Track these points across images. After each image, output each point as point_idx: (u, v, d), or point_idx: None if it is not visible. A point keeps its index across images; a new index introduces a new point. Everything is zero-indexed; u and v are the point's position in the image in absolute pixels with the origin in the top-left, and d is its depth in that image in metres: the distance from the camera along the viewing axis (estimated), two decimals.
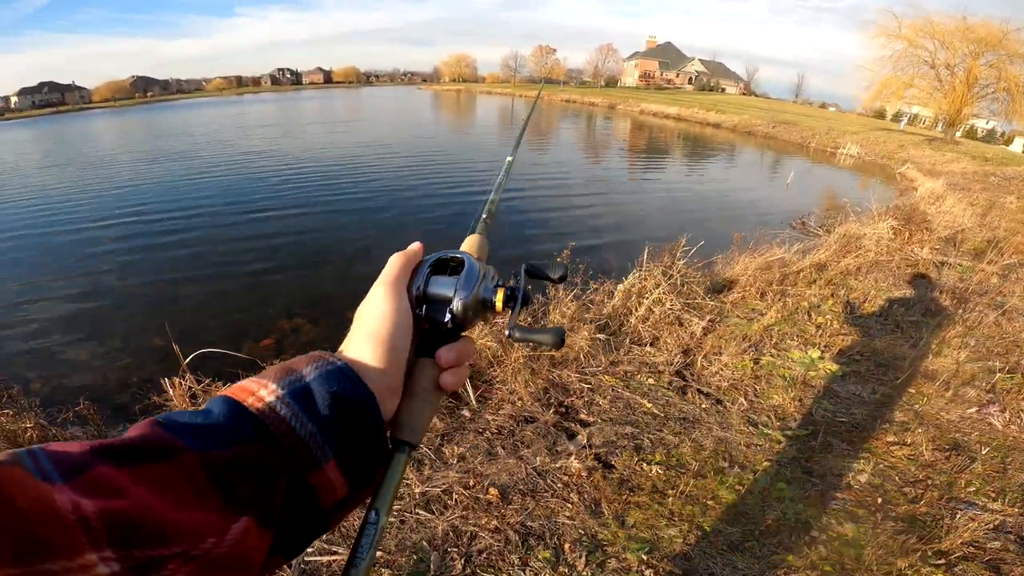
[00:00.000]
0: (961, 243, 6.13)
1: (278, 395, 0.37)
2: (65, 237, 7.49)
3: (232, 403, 0.36)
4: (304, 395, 0.38)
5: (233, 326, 4.57)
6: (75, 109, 75.91)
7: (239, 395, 0.37)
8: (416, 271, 0.50)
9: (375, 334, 0.43)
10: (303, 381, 0.38)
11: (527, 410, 2.65)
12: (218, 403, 0.37)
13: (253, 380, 0.39)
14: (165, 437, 0.32)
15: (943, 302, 4.23)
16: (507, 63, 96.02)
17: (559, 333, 0.49)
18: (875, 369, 3.21)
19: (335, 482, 0.38)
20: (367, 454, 0.41)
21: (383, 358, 0.42)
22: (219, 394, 0.38)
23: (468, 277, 0.50)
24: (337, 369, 0.40)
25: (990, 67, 21.95)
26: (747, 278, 4.24)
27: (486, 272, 0.52)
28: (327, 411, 0.38)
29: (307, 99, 62.42)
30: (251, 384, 0.38)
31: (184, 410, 0.36)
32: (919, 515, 2.11)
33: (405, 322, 0.45)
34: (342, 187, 10.17)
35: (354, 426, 0.39)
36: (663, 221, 8.19)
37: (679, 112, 33.49)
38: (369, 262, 5.99)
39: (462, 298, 0.48)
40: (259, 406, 0.36)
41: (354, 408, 0.39)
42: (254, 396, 0.37)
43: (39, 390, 3.61)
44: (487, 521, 1.97)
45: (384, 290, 0.46)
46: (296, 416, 0.37)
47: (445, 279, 0.50)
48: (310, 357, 0.41)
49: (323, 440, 0.37)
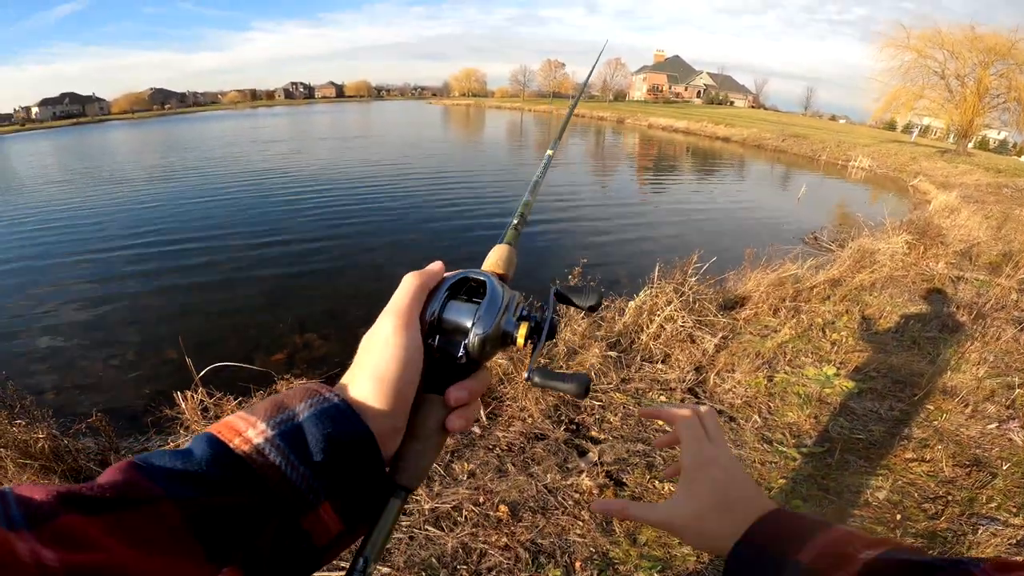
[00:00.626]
0: (977, 257, 6.05)
1: (267, 436, 0.35)
2: (81, 249, 7.61)
3: (217, 444, 0.34)
4: (295, 436, 0.35)
5: (246, 340, 4.60)
6: (94, 121, 77.84)
7: (225, 435, 0.35)
8: (433, 293, 0.46)
9: (380, 373, 0.40)
10: (295, 420, 0.36)
11: (537, 427, 2.63)
12: (202, 444, 0.34)
13: (241, 417, 0.36)
14: (141, 483, 0.30)
15: (960, 317, 4.16)
16: (516, 78, 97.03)
17: (584, 382, 0.44)
18: (892, 386, 3.15)
19: (329, 523, 0.36)
20: (365, 494, 0.39)
21: (387, 399, 0.39)
22: (205, 431, 0.35)
23: (489, 306, 0.45)
24: (333, 407, 0.37)
25: (1000, 77, 21.79)
26: (760, 294, 4.20)
27: (510, 300, 0.47)
28: (321, 454, 0.35)
29: (320, 113, 63.48)
30: (238, 422, 0.36)
31: (165, 450, 0.33)
32: (940, 531, 2.07)
33: (414, 360, 0.41)
34: (357, 201, 10.26)
35: (351, 468, 0.37)
36: (674, 237, 8.16)
37: (688, 126, 33.56)
38: (382, 279, 6.03)
39: (480, 331, 0.44)
40: (246, 448, 0.34)
41: (352, 450, 0.37)
42: (241, 437, 0.34)
43: (52, 400, 3.65)
44: (497, 538, 1.95)
45: (393, 321, 0.42)
46: (287, 459, 0.34)
47: (464, 305, 0.45)
48: (305, 391, 0.38)
49: (317, 484, 0.35)
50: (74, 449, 2.31)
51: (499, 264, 0.54)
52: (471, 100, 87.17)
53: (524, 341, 0.45)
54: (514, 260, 0.55)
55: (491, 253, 0.55)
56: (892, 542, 0.37)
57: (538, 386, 0.46)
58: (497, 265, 0.53)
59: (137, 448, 2.56)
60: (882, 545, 0.36)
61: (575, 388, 0.44)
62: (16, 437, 2.19)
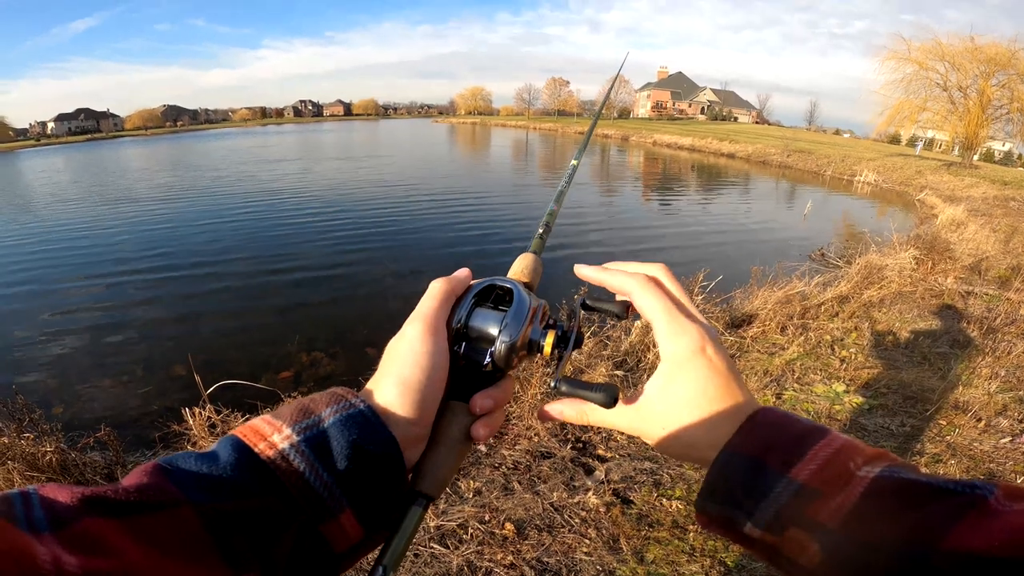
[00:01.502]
0: (986, 271, 6.01)
1: (292, 442, 0.34)
2: (93, 266, 7.72)
3: (242, 449, 0.34)
4: (321, 442, 0.35)
5: (254, 357, 4.62)
6: (108, 137, 79.36)
7: (251, 438, 0.35)
8: (460, 300, 0.45)
9: (406, 380, 0.39)
10: (321, 426, 0.36)
11: (544, 445, 2.62)
12: (227, 447, 0.34)
13: (267, 420, 0.36)
14: (164, 486, 0.30)
15: (971, 332, 4.12)
16: (521, 96, 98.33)
17: (612, 393, 0.41)
18: (903, 402, 3.12)
19: (349, 530, 0.36)
20: (386, 502, 0.38)
21: (412, 406, 0.39)
22: (230, 433, 0.36)
23: (517, 314, 0.44)
24: (359, 413, 0.37)
25: (1002, 87, 21.79)
26: (767, 312, 4.19)
27: (537, 308, 0.46)
28: (345, 461, 0.35)
29: (328, 131, 64.33)
30: (264, 426, 0.36)
31: (191, 452, 0.33)
32: None
33: (440, 366, 0.41)
34: (366, 222, 10.33)
35: (374, 476, 0.37)
36: (680, 255, 8.16)
37: (693, 143, 33.73)
38: (390, 298, 6.09)
39: (507, 339, 0.43)
40: (270, 453, 0.34)
41: (376, 457, 0.36)
42: (266, 441, 0.34)
43: (61, 415, 3.68)
44: (503, 556, 1.93)
45: (420, 327, 0.41)
46: (311, 466, 0.34)
47: (491, 313, 0.45)
48: (331, 396, 0.38)
49: (340, 492, 0.35)
50: (81, 463, 2.32)
51: (525, 273, 0.53)
52: (477, 118, 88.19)
53: (551, 350, 0.45)
54: (540, 269, 0.55)
55: (516, 262, 0.54)
56: (890, 456, 0.33)
57: (564, 395, 0.44)
58: (523, 274, 0.53)
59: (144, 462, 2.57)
60: (882, 459, 0.33)
61: (603, 398, 0.42)
62: (24, 450, 2.20)
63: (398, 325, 0.43)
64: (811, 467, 0.34)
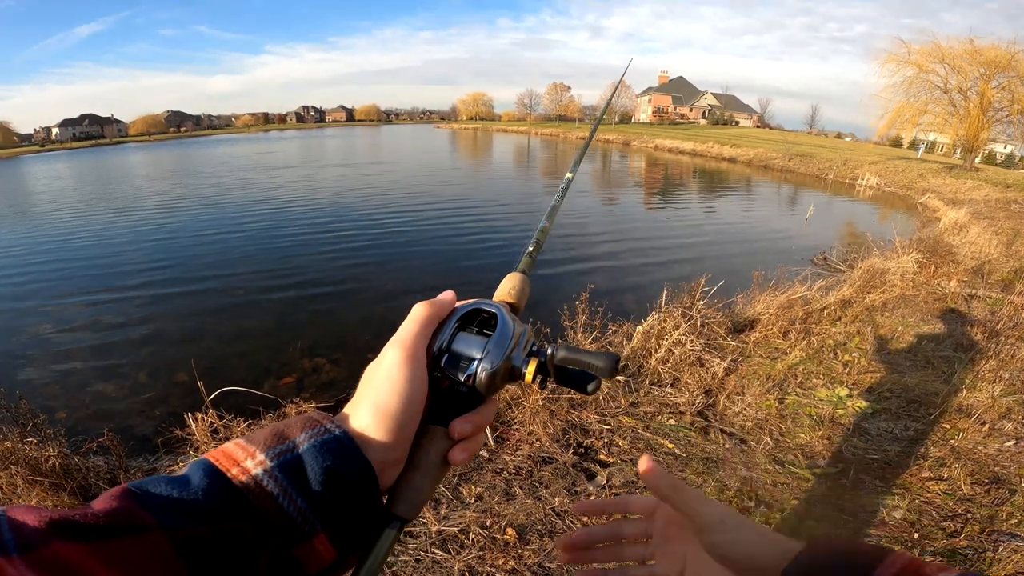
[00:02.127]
0: (989, 274, 5.99)
1: (266, 468, 0.34)
2: (97, 271, 7.76)
3: (214, 473, 0.34)
4: (295, 468, 0.35)
5: (257, 363, 4.63)
6: (113, 142, 79.50)
7: (223, 463, 0.34)
8: (443, 324, 0.45)
9: (381, 406, 0.39)
10: (295, 451, 0.36)
11: (545, 451, 2.61)
12: (198, 471, 0.34)
13: (240, 445, 0.36)
14: (133, 511, 0.30)
15: (974, 336, 4.11)
16: (523, 101, 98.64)
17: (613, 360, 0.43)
18: (907, 406, 3.11)
19: (323, 552, 0.36)
20: (361, 524, 0.38)
21: (389, 432, 0.39)
22: (203, 457, 0.35)
23: (500, 340, 0.44)
24: (334, 439, 0.37)
25: (1002, 89, 21.76)
26: (769, 317, 4.18)
27: (520, 335, 0.46)
28: (319, 486, 0.35)
29: (330, 137, 64.57)
30: (237, 451, 0.35)
31: (162, 476, 0.33)
32: (959, 549, 2.04)
33: (418, 393, 0.40)
34: (368, 229, 10.34)
35: (349, 501, 0.37)
36: (682, 260, 8.15)
37: (694, 147, 33.76)
38: (392, 304, 6.06)
39: (488, 365, 0.43)
40: (243, 479, 0.34)
41: (351, 482, 0.36)
42: (239, 467, 0.34)
43: (64, 420, 3.69)
44: (504, 562, 1.92)
45: (399, 353, 0.41)
46: (284, 492, 0.34)
47: (474, 338, 0.45)
48: (306, 421, 0.38)
49: (314, 516, 0.35)
50: (84, 467, 2.32)
51: (511, 294, 0.52)
52: (478, 124, 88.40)
53: (533, 378, 0.44)
54: (527, 290, 0.54)
55: (504, 282, 0.54)
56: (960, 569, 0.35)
57: (561, 362, 0.44)
58: (509, 295, 0.52)
59: (147, 468, 2.57)
60: (952, 570, 0.34)
61: (604, 364, 0.43)
62: (27, 455, 2.21)
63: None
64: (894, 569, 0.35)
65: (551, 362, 0.45)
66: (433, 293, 0.46)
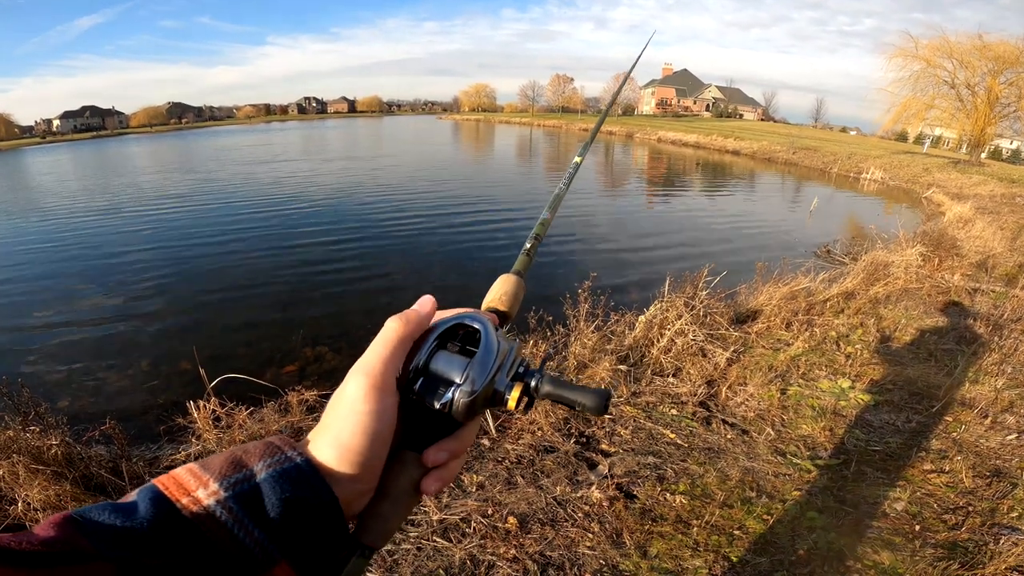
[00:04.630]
0: (993, 268, 5.96)
1: (219, 498, 0.32)
2: (100, 260, 7.77)
3: (162, 503, 0.32)
4: (251, 499, 0.33)
5: (259, 352, 4.64)
6: (114, 134, 79.31)
7: (173, 492, 0.33)
8: (421, 340, 0.41)
9: (344, 442, 0.36)
10: (252, 481, 0.34)
11: (547, 440, 2.61)
12: (146, 500, 0.32)
13: (193, 472, 0.34)
14: (74, 539, 0.28)
15: (977, 329, 4.09)
16: (525, 93, 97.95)
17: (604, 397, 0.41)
18: (909, 398, 3.10)
19: None
20: (325, 553, 0.36)
21: (353, 467, 0.36)
22: (151, 483, 0.33)
23: (482, 362, 0.40)
24: (294, 468, 0.35)
25: (1010, 85, 21.64)
26: (772, 308, 4.17)
27: (506, 354, 0.42)
28: (278, 516, 0.33)
29: (332, 128, 64.30)
30: (189, 479, 0.33)
31: (107, 504, 0.31)
32: (960, 541, 2.03)
33: (384, 429, 0.37)
34: (370, 217, 10.35)
35: (311, 530, 0.35)
36: (685, 251, 8.14)
37: (698, 140, 33.57)
38: (394, 292, 6.06)
39: (468, 389, 0.39)
40: (194, 509, 0.32)
41: (312, 511, 0.34)
42: (190, 496, 0.32)
43: (67, 408, 3.70)
44: (505, 550, 1.93)
45: (363, 384, 0.37)
46: (239, 522, 0.32)
47: (454, 358, 0.41)
48: (266, 447, 0.36)
49: (273, 547, 0.33)
50: (87, 456, 2.33)
51: (502, 300, 0.49)
52: (480, 115, 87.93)
53: (516, 404, 0.41)
54: (521, 295, 0.50)
55: (495, 285, 0.50)
56: None
57: (545, 398, 0.41)
58: (500, 301, 0.49)
59: (149, 457, 2.58)
60: None
61: (593, 402, 0.40)
62: (29, 444, 2.21)
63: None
64: None
65: (535, 395, 0.42)
66: (436, 284, 0.44)
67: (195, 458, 2.47)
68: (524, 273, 0.52)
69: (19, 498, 2.02)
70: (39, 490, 2.04)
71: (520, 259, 0.54)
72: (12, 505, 2.02)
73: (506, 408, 0.41)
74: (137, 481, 2.31)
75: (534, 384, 0.42)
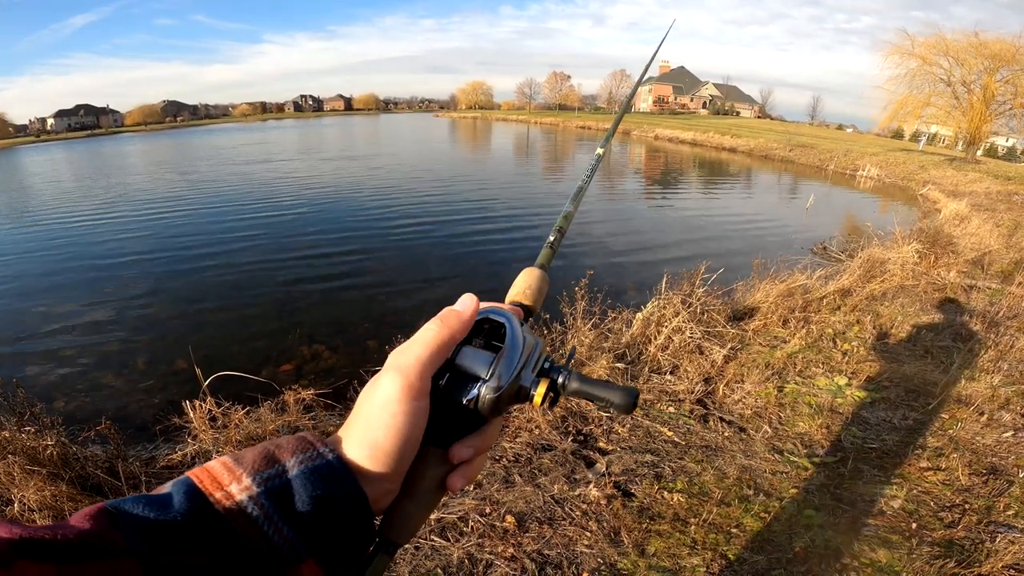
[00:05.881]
0: (989, 265, 5.98)
1: (251, 494, 0.33)
2: (95, 260, 7.72)
3: (196, 497, 0.32)
4: (282, 495, 0.33)
5: (256, 350, 4.62)
6: (108, 132, 78.84)
7: (207, 485, 0.33)
8: None
9: (378, 445, 0.36)
10: (284, 477, 0.34)
11: (545, 438, 2.61)
12: (180, 493, 0.32)
13: (227, 466, 0.34)
14: (107, 533, 0.28)
15: (973, 327, 4.11)
16: (522, 90, 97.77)
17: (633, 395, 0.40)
18: (905, 395, 3.11)
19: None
20: (351, 550, 0.37)
21: (384, 467, 0.36)
22: (186, 476, 0.34)
23: (509, 357, 0.40)
24: (326, 464, 0.35)
25: (1006, 83, 21.69)
26: (768, 305, 4.17)
27: (532, 350, 0.42)
28: (308, 515, 0.33)
29: (329, 126, 64.00)
30: (223, 473, 0.34)
31: (141, 496, 0.32)
32: (957, 539, 2.04)
33: (416, 431, 0.37)
34: (367, 215, 10.30)
35: (340, 528, 0.35)
36: (681, 248, 8.14)
37: (695, 137, 33.52)
38: (392, 292, 6.04)
39: (494, 385, 0.39)
40: (227, 504, 0.32)
41: (343, 509, 0.35)
42: (223, 491, 0.33)
43: (63, 408, 3.69)
44: (503, 549, 1.93)
45: (399, 386, 0.36)
46: (270, 520, 0.32)
47: (480, 353, 0.40)
48: (298, 442, 0.36)
49: (301, 545, 0.33)
50: (82, 456, 2.32)
51: (527, 294, 0.49)
52: (478, 113, 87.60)
53: (542, 400, 0.41)
54: (545, 288, 0.50)
55: (519, 278, 0.49)
56: None
57: (573, 395, 0.41)
58: (524, 295, 0.49)
59: (145, 457, 2.57)
60: None
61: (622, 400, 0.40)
62: (25, 444, 2.20)
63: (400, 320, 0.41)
64: None
65: (562, 392, 0.42)
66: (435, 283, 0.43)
67: (192, 458, 2.47)
68: (548, 266, 0.52)
69: (15, 499, 2.01)
70: (35, 491, 2.03)
71: (543, 252, 0.53)
72: (8, 506, 2.01)
73: (531, 404, 0.41)
74: (133, 481, 2.30)
75: (561, 381, 0.42)
